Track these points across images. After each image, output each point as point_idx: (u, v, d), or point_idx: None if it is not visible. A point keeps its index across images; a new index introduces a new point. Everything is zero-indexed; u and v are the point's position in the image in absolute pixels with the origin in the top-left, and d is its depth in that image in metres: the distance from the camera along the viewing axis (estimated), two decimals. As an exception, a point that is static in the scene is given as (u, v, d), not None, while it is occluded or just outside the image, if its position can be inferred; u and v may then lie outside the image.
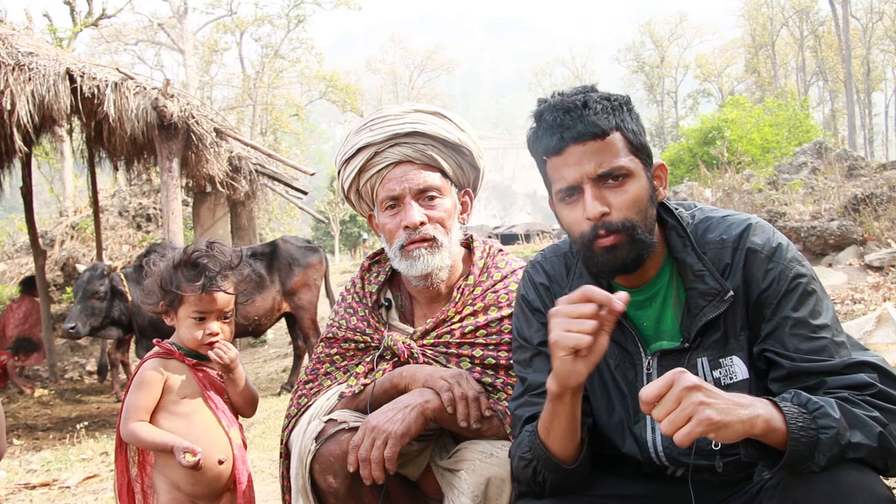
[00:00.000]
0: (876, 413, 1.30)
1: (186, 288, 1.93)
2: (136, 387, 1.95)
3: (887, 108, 50.30)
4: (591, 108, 1.46)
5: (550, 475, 1.52)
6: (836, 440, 1.25)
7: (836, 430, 1.25)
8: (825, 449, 1.25)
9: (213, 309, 1.97)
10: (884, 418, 1.30)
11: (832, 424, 1.26)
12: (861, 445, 1.27)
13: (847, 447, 1.26)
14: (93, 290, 6.56)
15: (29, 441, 5.97)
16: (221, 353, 1.98)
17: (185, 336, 1.99)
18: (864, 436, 1.27)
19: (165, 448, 1.87)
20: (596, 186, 1.46)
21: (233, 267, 2.00)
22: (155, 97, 6.81)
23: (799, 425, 1.25)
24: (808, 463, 1.26)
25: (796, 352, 1.41)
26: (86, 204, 14.54)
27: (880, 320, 4.36)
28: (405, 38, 70.97)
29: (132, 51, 36.48)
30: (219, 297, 1.96)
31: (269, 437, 5.06)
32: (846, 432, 1.26)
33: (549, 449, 1.50)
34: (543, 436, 1.51)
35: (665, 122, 54.41)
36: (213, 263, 1.96)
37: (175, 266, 1.97)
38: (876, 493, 1.25)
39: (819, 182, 10.16)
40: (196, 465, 1.82)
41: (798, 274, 1.46)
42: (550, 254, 1.75)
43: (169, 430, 1.92)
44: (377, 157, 1.98)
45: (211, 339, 1.97)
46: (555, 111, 1.49)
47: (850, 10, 37.89)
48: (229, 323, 2.03)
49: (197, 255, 1.97)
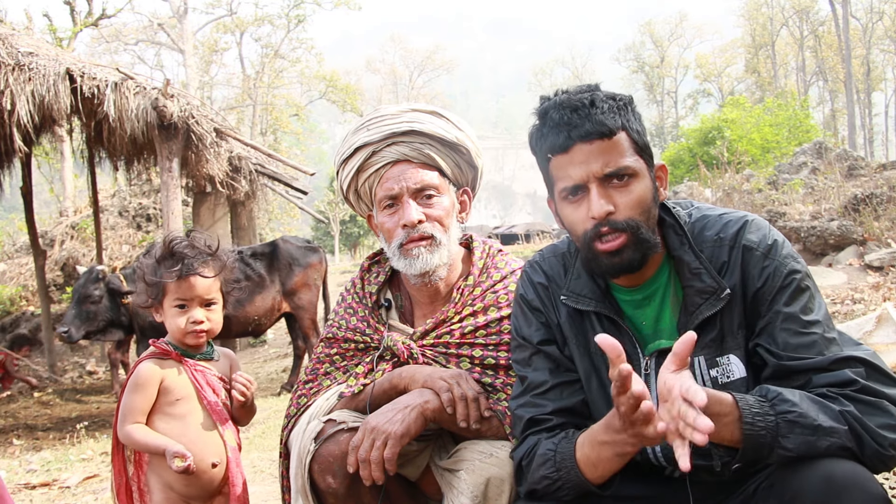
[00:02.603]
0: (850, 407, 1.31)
1: (166, 275, 1.94)
2: (132, 388, 1.94)
3: (887, 108, 50.28)
4: (598, 108, 1.46)
5: (576, 492, 1.51)
6: (797, 422, 1.27)
7: (797, 413, 1.27)
8: (787, 432, 1.27)
9: (193, 295, 1.96)
10: (856, 410, 1.31)
11: (791, 409, 1.28)
12: (834, 430, 1.28)
13: (817, 430, 1.27)
14: (87, 294, 6.52)
15: (29, 441, 5.97)
16: (244, 390, 1.98)
17: (170, 327, 1.98)
18: (828, 417, 1.29)
19: (158, 451, 1.87)
20: (602, 186, 1.46)
21: (211, 253, 2.00)
22: (155, 97, 6.80)
23: (754, 411, 1.27)
24: (775, 450, 1.27)
25: (786, 347, 1.41)
26: (86, 204, 14.54)
27: (880, 320, 4.35)
28: (405, 38, 70.94)
29: (132, 51, 36.51)
30: (197, 282, 1.95)
31: (269, 437, 5.06)
32: (809, 415, 1.28)
33: (588, 478, 1.48)
34: (587, 470, 1.48)
35: (665, 122, 54.38)
36: (190, 250, 1.97)
37: (157, 259, 1.98)
38: (869, 490, 1.26)
39: (819, 182, 10.15)
40: (186, 469, 1.82)
41: (793, 270, 1.47)
42: (548, 254, 1.75)
43: (164, 431, 1.92)
44: (375, 157, 1.98)
45: (195, 327, 1.95)
46: (561, 109, 1.48)
47: (850, 10, 37.88)
48: (214, 311, 2.01)
49: (174, 243, 1.98)
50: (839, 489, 1.24)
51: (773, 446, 1.27)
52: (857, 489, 1.25)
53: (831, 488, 1.25)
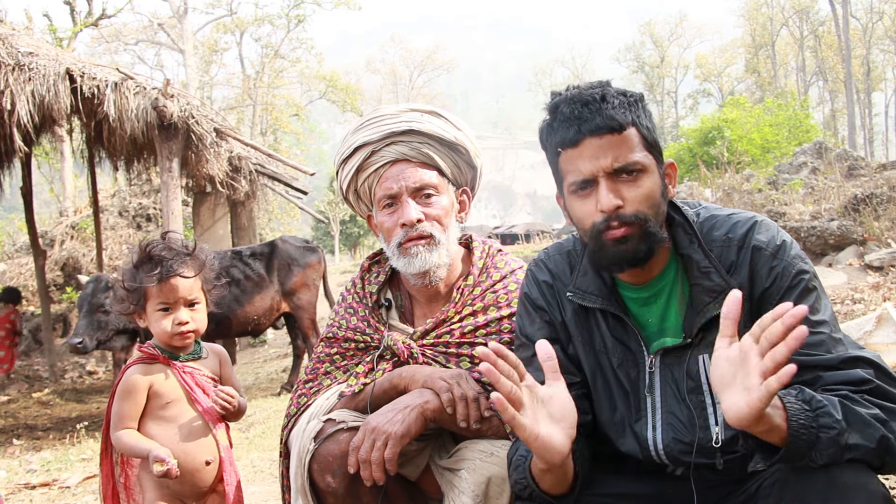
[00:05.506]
0: (876, 411, 1.30)
1: (146, 280, 1.93)
2: (121, 395, 1.95)
3: (887, 108, 50.32)
4: (609, 102, 1.46)
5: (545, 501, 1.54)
6: (835, 441, 1.25)
7: (837, 431, 1.25)
8: (823, 448, 1.25)
9: (176, 297, 1.96)
10: (883, 415, 1.30)
11: (833, 425, 1.26)
12: (859, 446, 1.27)
13: (845, 448, 1.26)
14: (98, 304, 6.51)
15: (29, 441, 5.97)
16: (225, 404, 1.97)
17: (156, 331, 1.98)
18: (862, 438, 1.27)
19: (143, 456, 1.89)
20: (611, 180, 1.46)
21: (189, 253, 2.00)
22: (155, 97, 6.80)
23: (801, 423, 1.25)
24: (805, 460, 1.27)
25: None
26: (86, 204, 14.54)
27: (880, 320, 4.35)
28: (405, 38, 70.93)
29: (132, 51, 36.52)
30: (179, 283, 1.95)
31: (269, 437, 5.06)
32: (846, 433, 1.26)
33: (544, 490, 1.51)
34: (537, 479, 1.51)
35: (665, 122, 54.38)
36: (168, 252, 1.96)
37: (135, 265, 1.98)
38: (873, 491, 1.26)
39: (819, 182, 10.15)
40: (166, 474, 1.83)
41: (801, 270, 1.47)
42: (554, 252, 1.75)
43: (156, 434, 1.93)
44: (374, 157, 1.98)
45: (181, 328, 1.95)
46: (572, 104, 1.48)
47: (850, 10, 37.89)
48: (198, 311, 2.01)
49: (151, 247, 1.97)
50: (843, 489, 1.24)
51: (804, 457, 1.27)
52: (861, 489, 1.25)
53: (835, 489, 1.25)
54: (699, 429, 1.50)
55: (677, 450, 1.52)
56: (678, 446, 1.52)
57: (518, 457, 1.58)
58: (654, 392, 1.55)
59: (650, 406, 1.56)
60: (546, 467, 1.43)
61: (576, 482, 1.52)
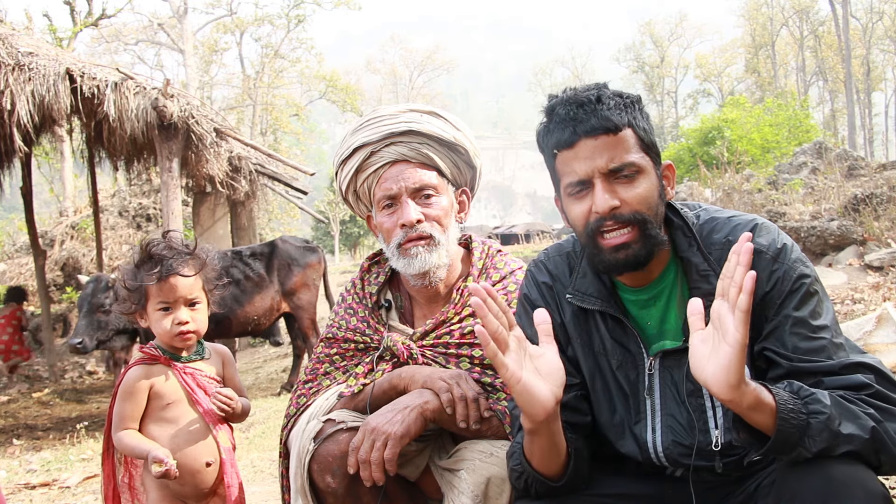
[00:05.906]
0: (871, 410, 1.31)
1: (146, 279, 1.93)
2: (122, 396, 1.94)
3: (887, 108, 50.31)
4: (604, 104, 1.47)
5: (541, 488, 1.54)
6: (826, 426, 1.26)
7: (827, 416, 1.26)
8: (815, 434, 1.26)
9: (176, 296, 1.95)
10: (878, 415, 1.30)
11: (823, 410, 1.27)
12: (853, 437, 1.27)
13: (839, 436, 1.27)
14: (98, 304, 6.52)
15: (29, 441, 5.97)
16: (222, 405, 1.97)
17: (157, 331, 1.97)
18: (856, 427, 1.28)
19: (143, 456, 1.89)
20: (607, 181, 1.46)
21: (189, 252, 1.99)
22: (155, 97, 6.80)
23: (789, 407, 1.26)
24: (798, 448, 1.27)
25: (795, 351, 1.41)
26: (86, 204, 14.54)
27: (880, 320, 4.35)
28: (405, 38, 70.91)
29: (132, 51, 36.51)
30: (179, 282, 1.95)
31: (269, 437, 5.06)
32: (837, 420, 1.27)
33: (535, 468, 1.52)
34: (528, 454, 1.52)
35: (665, 122, 54.38)
36: (168, 251, 1.96)
37: (136, 264, 1.97)
38: (870, 489, 1.26)
39: (819, 182, 10.15)
40: (165, 475, 1.83)
41: (802, 274, 1.46)
42: (554, 253, 1.75)
43: (157, 435, 1.92)
44: (373, 157, 1.98)
45: (181, 328, 1.95)
46: (568, 105, 1.49)
47: (850, 10, 37.88)
48: (199, 311, 2.00)
49: (151, 246, 1.97)
50: (840, 487, 1.24)
51: (797, 445, 1.27)
52: (858, 487, 1.25)
53: (832, 487, 1.25)
54: (699, 432, 1.50)
55: (677, 452, 1.53)
56: (678, 449, 1.52)
57: (514, 444, 1.59)
58: (654, 394, 1.55)
59: (650, 408, 1.56)
60: (532, 426, 1.42)
61: (569, 463, 1.52)
